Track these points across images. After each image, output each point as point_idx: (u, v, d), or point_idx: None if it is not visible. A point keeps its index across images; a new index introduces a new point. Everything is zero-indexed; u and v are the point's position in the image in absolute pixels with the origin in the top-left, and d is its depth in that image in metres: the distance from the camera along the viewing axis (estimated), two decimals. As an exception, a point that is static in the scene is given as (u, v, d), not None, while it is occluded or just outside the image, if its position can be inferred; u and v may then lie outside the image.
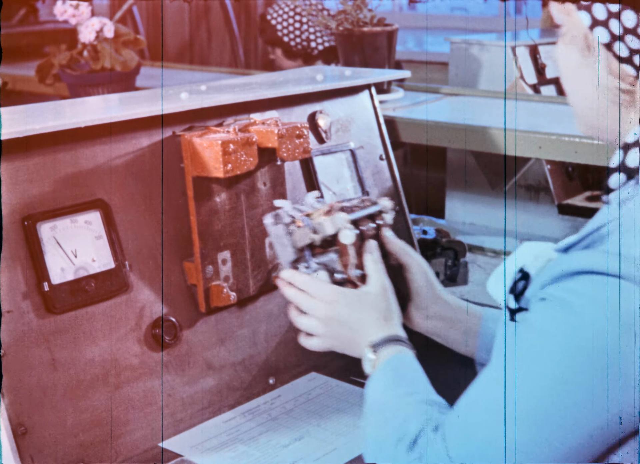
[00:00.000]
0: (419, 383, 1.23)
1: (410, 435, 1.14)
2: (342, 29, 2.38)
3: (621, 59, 1.09)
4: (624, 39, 1.08)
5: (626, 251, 1.02)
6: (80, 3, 2.37)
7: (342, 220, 1.36)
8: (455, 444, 1.09)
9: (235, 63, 4.69)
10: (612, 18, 1.08)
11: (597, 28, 1.10)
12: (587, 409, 1.03)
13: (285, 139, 1.53)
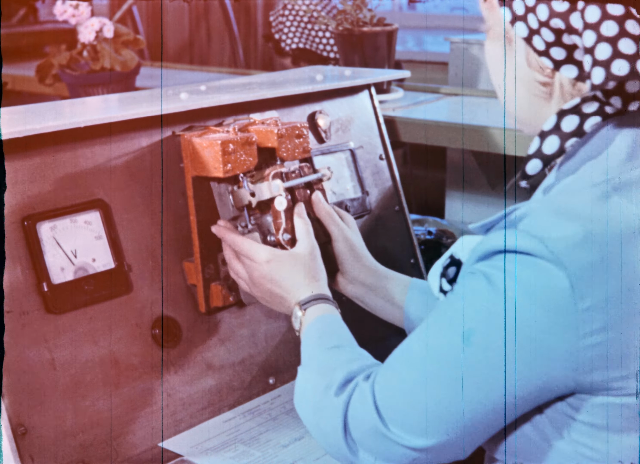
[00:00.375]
0: (345, 339, 1.30)
1: (337, 381, 1.19)
2: (341, 28, 2.38)
3: (539, 52, 1.14)
4: (540, 33, 1.13)
5: (542, 232, 1.07)
6: (80, 3, 2.37)
7: (278, 187, 1.46)
8: (381, 395, 1.14)
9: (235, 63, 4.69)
10: (529, 12, 1.13)
11: (517, 23, 1.15)
12: (494, 375, 1.08)
13: (284, 139, 1.53)
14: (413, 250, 1.92)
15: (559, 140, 1.14)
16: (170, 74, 3.18)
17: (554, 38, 1.12)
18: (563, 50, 1.13)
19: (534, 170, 1.16)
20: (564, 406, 1.12)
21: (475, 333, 1.09)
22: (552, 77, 1.15)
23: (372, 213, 1.86)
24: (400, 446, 1.12)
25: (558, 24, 1.11)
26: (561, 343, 1.06)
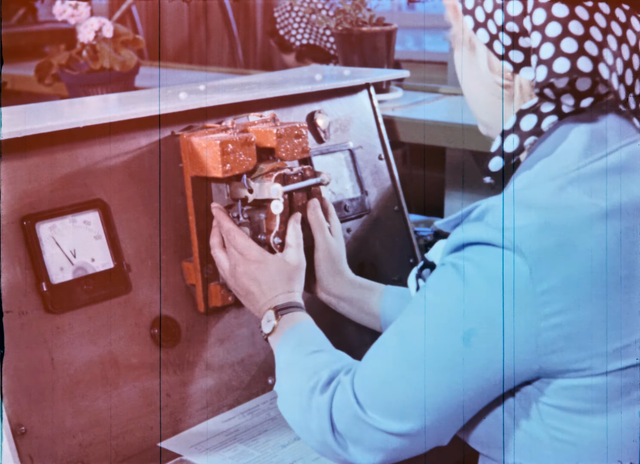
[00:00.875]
0: (323, 344, 1.34)
1: (322, 381, 1.23)
2: (341, 28, 2.38)
3: (499, 56, 1.20)
4: (498, 37, 1.19)
5: (501, 223, 1.13)
6: (79, 3, 2.37)
7: (277, 191, 1.47)
8: (359, 383, 1.19)
9: (234, 63, 4.69)
10: (488, 18, 1.19)
11: (479, 29, 1.21)
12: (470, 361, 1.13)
13: (284, 139, 1.53)
14: (412, 249, 1.92)
15: (518, 138, 1.20)
16: (170, 73, 3.18)
17: (511, 42, 1.18)
18: (521, 53, 1.18)
19: (496, 167, 1.22)
20: (533, 390, 1.16)
21: (441, 318, 1.15)
22: (512, 79, 1.21)
23: (371, 213, 1.86)
24: (380, 431, 1.16)
25: (513, 27, 1.17)
26: (523, 325, 1.11)
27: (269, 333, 1.38)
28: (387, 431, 1.16)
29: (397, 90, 2.42)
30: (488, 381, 1.14)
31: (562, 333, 1.11)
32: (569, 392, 1.14)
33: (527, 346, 1.11)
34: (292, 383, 1.28)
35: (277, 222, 1.48)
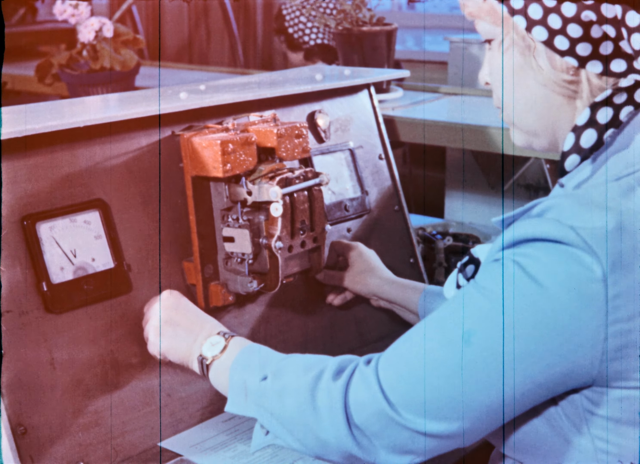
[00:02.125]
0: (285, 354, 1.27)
1: (329, 369, 1.16)
2: (341, 28, 2.38)
3: (562, 52, 1.14)
4: (564, 31, 1.13)
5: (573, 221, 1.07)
6: (79, 3, 2.37)
7: (276, 194, 1.46)
8: (388, 379, 1.12)
9: (234, 63, 4.69)
10: (550, 13, 1.13)
11: (535, 27, 1.15)
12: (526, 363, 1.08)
13: (284, 139, 1.53)
14: (412, 249, 1.92)
15: (595, 132, 1.15)
16: (170, 73, 3.18)
17: (582, 32, 1.12)
18: (589, 45, 1.13)
19: (572, 165, 1.16)
20: (583, 400, 1.12)
21: (500, 316, 1.08)
22: (577, 74, 1.16)
23: (372, 212, 1.86)
24: (411, 431, 1.10)
25: (589, 16, 1.12)
26: (590, 329, 1.07)
27: (216, 355, 1.30)
28: (420, 432, 1.10)
29: (397, 90, 2.42)
30: (540, 385, 1.09)
31: (629, 340, 1.07)
32: (623, 403, 1.10)
33: (592, 352, 1.07)
34: (285, 382, 1.19)
35: (279, 225, 1.47)
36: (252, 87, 1.74)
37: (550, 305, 1.07)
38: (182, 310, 1.39)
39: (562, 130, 1.20)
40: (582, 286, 1.06)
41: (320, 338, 1.72)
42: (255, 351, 1.27)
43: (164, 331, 1.38)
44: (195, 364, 1.33)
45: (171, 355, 1.38)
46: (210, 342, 1.32)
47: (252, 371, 1.24)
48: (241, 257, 1.50)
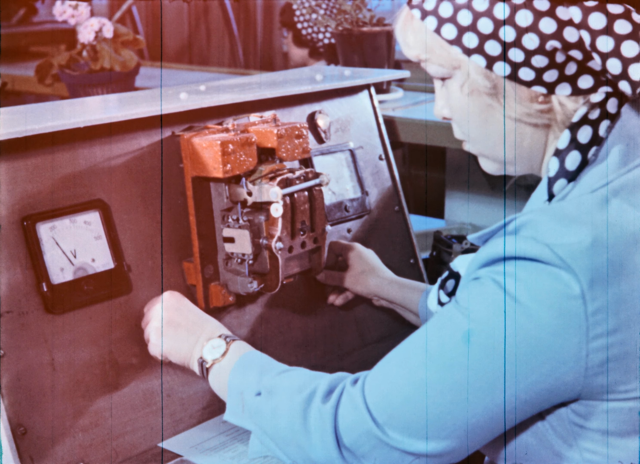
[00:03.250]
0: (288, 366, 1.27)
1: (321, 390, 1.16)
2: (341, 28, 2.38)
3: (528, 83, 1.12)
4: (529, 62, 1.11)
5: (548, 239, 1.07)
6: (79, 3, 2.37)
7: (277, 194, 1.46)
8: (373, 398, 1.12)
9: (234, 63, 4.69)
10: (509, 48, 1.10)
11: (496, 64, 1.12)
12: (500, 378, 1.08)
13: (284, 139, 1.53)
14: (413, 250, 1.92)
15: (579, 153, 1.14)
16: (170, 74, 3.18)
17: (548, 61, 1.11)
18: (555, 71, 1.12)
19: (560, 189, 1.15)
20: (569, 413, 1.12)
21: (482, 336, 1.08)
22: (548, 102, 1.15)
23: (372, 213, 1.86)
24: (399, 451, 1.11)
25: (553, 44, 1.10)
26: (571, 346, 1.06)
27: (217, 358, 1.31)
28: (408, 452, 1.11)
29: (397, 91, 2.42)
30: (525, 402, 1.09)
31: (611, 355, 1.07)
32: (610, 415, 1.10)
33: (575, 367, 1.07)
34: (278, 400, 1.19)
35: (279, 226, 1.47)
36: (252, 88, 1.74)
37: (531, 323, 1.06)
38: (183, 311, 1.39)
39: (536, 156, 1.19)
40: (561, 304, 1.06)
41: (320, 339, 1.72)
42: (255, 360, 1.27)
43: (165, 332, 1.38)
44: (195, 366, 1.34)
45: (172, 356, 1.38)
46: (211, 345, 1.33)
47: (249, 383, 1.24)
48: (241, 258, 1.50)
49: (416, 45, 1.17)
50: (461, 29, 1.12)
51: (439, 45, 1.14)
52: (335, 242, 1.73)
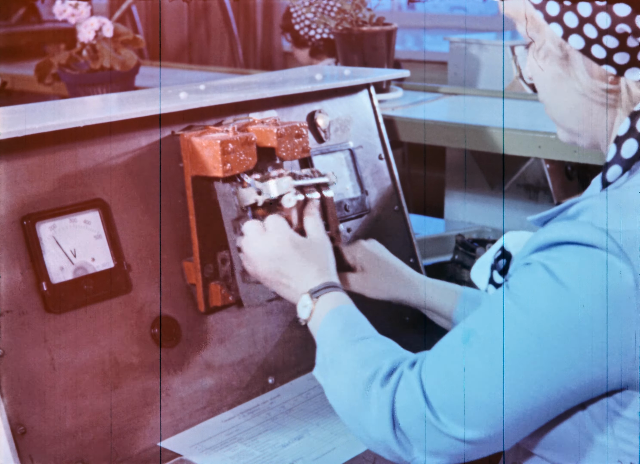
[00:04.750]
0: (369, 330, 1.28)
1: (382, 371, 1.17)
2: (341, 28, 2.38)
3: (600, 61, 1.14)
4: (600, 41, 1.12)
5: (607, 225, 1.06)
6: (79, 2, 2.37)
7: (287, 184, 1.42)
8: (429, 383, 1.13)
9: (234, 62, 4.69)
10: (585, 23, 1.12)
11: (572, 36, 1.14)
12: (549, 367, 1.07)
13: (284, 138, 1.53)
14: (412, 249, 1.92)
15: (636, 142, 1.13)
16: (170, 73, 3.18)
17: (618, 43, 1.12)
18: (627, 55, 1.12)
19: (614, 176, 1.14)
20: (611, 401, 1.11)
21: (532, 325, 1.07)
22: (616, 83, 1.15)
23: (372, 212, 1.86)
24: (449, 437, 1.11)
25: (624, 28, 1.11)
26: (621, 337, 1.06)
27: (306, 318, 1.31)
28: (457, 438, 1.11)
29: (397, 90, 2.42)
30: (573, 392, 1.08)
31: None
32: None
33: (625, 358, 1.06)
34: (344, 372, 1.21)
35: (294, 217, 1.42)
36: (252, 87, 1.74)
37: (580, 312, 1.06)
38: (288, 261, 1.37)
39: (602, 134, 1.19)
40: (612, 293, 1.05)
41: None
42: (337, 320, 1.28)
43: (271, 278, 1.38)
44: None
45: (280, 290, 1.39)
46: (302, 303, 1.33)
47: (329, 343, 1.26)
48: None
49: (509, 5, 1.21)
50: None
51: (527, 7, 1.18)
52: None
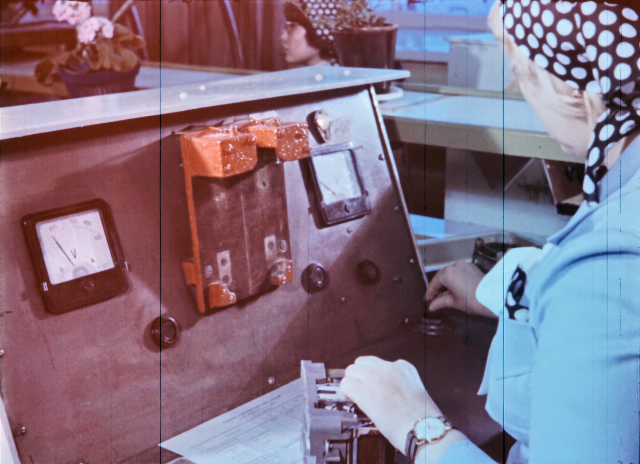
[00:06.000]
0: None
1: None
2: (341, 28, 2.38)
3: (562, 77, 1.17)
4: (557, 58, 1.16)
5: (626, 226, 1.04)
6: (79, 3, 2.37)
7: None
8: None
9: (234, 63, 4.69)
10: (542, 43, 1.16)
11: (537, 55, 1.18)
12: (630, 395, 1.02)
13: (284, 139, 1.53)
14: (412, 250, 1.92)
15: (598, 150, 1.15)
16: (170, 73, 3.18)
17: (570, 60, 1.15)
18: (582, 69, 1.15)
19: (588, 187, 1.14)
20: None
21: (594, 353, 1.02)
22: (581, 96, 1.18)
23: (372, 213, 1.86)
24: None
25: (568, 46, 1.14)
26: None
27: (431, 440, 1.22)
28: None
29: (397, 90, 2.42)
30: None
31: None
32: None
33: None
34: None
35: None
36: (252, 88, 1.74)
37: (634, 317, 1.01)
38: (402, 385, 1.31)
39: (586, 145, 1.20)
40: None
41: (320, 338, 1.72)
42: (465, 454, 1.21)
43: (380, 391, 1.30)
44: (401, 437, 1.26)
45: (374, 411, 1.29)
46: (427, 423, 1.24)
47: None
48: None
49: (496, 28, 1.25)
50: (515, 20, 1.19)
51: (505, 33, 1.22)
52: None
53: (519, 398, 1.17)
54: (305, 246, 1.72)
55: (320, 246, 1.75)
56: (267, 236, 1.61)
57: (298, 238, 1.71)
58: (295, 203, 1.71)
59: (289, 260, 1.64)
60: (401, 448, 1.24)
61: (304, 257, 1.72)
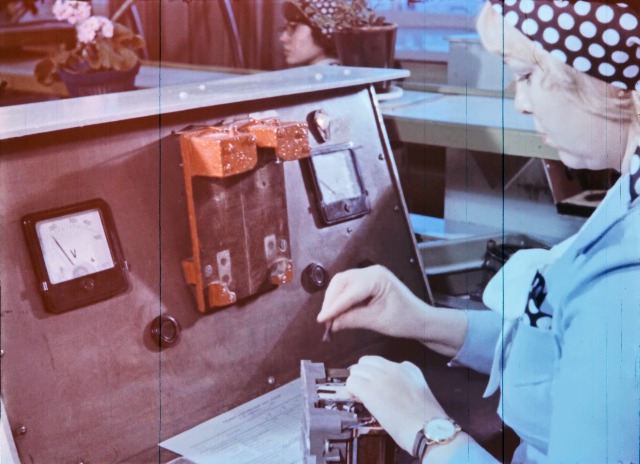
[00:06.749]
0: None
1: None
2: (341, 28, 2.38)
3: (608, 78, 1.12)
4: (609, 58, 1.10)
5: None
6: (79, 2, 2.37)
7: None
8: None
9: (234, 62, 4.69)
10: (590, 43, 1.10)
11: (576, 59, 1.12)
12: None
13: (284, 139, 1.53)
14: (412, 249, 1.92)
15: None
16: (170, 73, 3.18)
17: (628, 57, 1.10)
18: (636, 67, 1.11)
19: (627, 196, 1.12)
20: None
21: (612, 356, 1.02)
22: (628, 97, 1.13)
23: (372, 212, 1.86)
24: None
25: (634, 41, 1.10)
26: None
27: (442, 440, 1.22)
28: None
29: (397, 90, 2.42)
30: None
31: None
32: None
33: None
34: None
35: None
36: (252, 87, 1.74)
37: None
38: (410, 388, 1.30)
39: (616, 151, 1.17)
40: None
41: (320, 339, 1.72)
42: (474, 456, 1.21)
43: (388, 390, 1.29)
44: (409, 437, 1.25)
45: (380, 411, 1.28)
46: (437, 424, 1.24)
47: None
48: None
49: (497, 40, 1.17)
50: (542, 24, 1.12)
51: (520, 40, 1.15)
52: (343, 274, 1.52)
53: (537, 406, 1.16)
54: (305, 246, 1.72)
55: (320, 246, 1.75)
56: (267, 236, 1.61)
57: (298, 238, 1.71)
58: (295, 202, 1.71)
59: (288, 260, 1.64)
60: (408, 448, 1.24)
61: (304, 257, 1.72)
